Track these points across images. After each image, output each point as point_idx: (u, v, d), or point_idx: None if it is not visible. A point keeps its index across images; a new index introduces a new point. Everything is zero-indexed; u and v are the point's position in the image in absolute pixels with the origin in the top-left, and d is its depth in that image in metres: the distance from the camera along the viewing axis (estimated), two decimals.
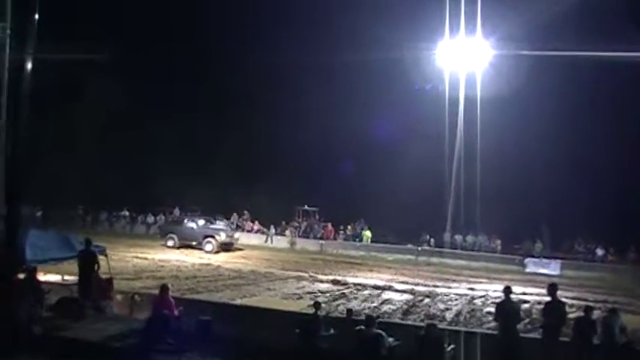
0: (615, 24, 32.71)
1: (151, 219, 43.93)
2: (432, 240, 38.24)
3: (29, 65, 7.20)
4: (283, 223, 42.23)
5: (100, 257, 14.80)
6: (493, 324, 15.82)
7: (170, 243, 34.27)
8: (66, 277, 16.37)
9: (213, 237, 33.88)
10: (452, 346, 10.54)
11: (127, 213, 44.73)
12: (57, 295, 14.07)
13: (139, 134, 44.63)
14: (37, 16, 8.03)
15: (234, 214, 42.49)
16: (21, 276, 12.45)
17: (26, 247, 12.29)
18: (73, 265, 16.38)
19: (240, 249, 35.14)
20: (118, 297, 14.87)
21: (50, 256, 13.32)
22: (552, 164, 37.42)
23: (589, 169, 36.53)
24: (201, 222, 35.67)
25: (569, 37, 31.95)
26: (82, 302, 13.79)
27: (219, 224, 37.65)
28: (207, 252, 32.82)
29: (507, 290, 12.11)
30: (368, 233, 40.09)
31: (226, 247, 34.30)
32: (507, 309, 11.77)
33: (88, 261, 14.23)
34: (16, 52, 8.66)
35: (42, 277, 14.28)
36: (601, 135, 36.41)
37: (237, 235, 37.35)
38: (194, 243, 34.04)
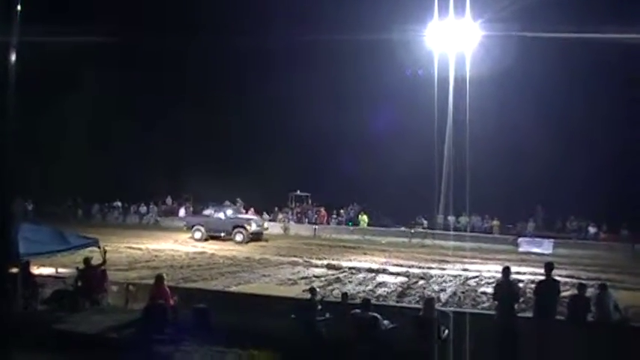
0: (605, 3, 32.75)
1: (143, 209, 43.96)
2: (426, 222, 38.36)
3: (13, 55, 7.10)
4: (276, 209, 42.27)
5: (94, 249, 14.77)
6: (487, 304, 16.00)
7: (197, 235, 33.22)
8: (60, 270, 16.35)
9: (243, 227, 33.08)
10: (447, 328, 10.57)
11: (119, 204, 44.67)
12: (51, 288, 14.05)
13: (128, 124, 44.41)
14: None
15: (227, 201, 42.41)
16: (14, 270, 12.41)
17: (19, 241, 12.21)
18: (67, 258, 16.41)
19: None
20: (113, 288, 14.84)
21: (43, 249, 13.25)
22: (544, 144, 37.49)
23: (581, 148, 36.74)
24: (230, 212, 34.72)
25: (559, 17, 31.95)
26: (77, 295, 13.77)
27: (247, 214, 36.96)
28: (237, 242, 32.10)
29: (506, 271, 12.17)
30: (365, 218, 40.17)
31: (256, 236, 33.62)
32: (506, 289, 11.83)
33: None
34: None
35: (36, 270, 14.27)
36: (592, 114, 36.51)
37: (266, 224, 36.75)
38: (222, 234, 33.17)
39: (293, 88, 42.57)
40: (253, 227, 33.51)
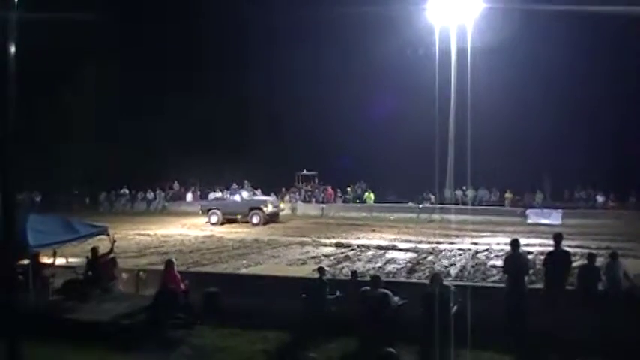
0: None
1: (150, 195, 44.07)
2: (433, 197, 38.33)
3: (13, 45, 7.03)
4: (283, 189, 42.30)
5: (103, 237, 14.83)
6: (497, 277, 15.99)
7: (214, 219, 33.09)
8: (70, 260, 16.41)
9: (259, 209, 32.90)
10: (458, 302, 10.57)
11: (126, 191, 44.80)
12: (62, 278, 14.11)
13: (133, 111, 44.38)
14: None
15: (234, 183, 42.45)
16: (25, 261, 12.47)
17: (27, 233, 12.26)
18: (78, 247, 16.47)
19: None
20: (123, 275, 14.88)
21: (53, 239, 13.27)
22: (549, 115, 37.35)
23: (586, 117, 36.52)
24: (245, 194, 34.56)
25: None
26: (88, 283, 13.83)
27: (262, 195, 36.61)
28: (254, 224, 32.01)
29: (515, 243, 12.14)
30: (371, 196, 40.18)
31: (272, 218, 33.50)
32: (515, 261, 11.80)
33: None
34: None
35: (46, 260, 14.32)
36: (597, 84, 36.25)
37: (282, 205, 36.70)
38: (239, 217, 33.04)
39: (295, 66, 42.38)
40: (270, 209, 33.38)
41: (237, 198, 33.92)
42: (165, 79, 45.52)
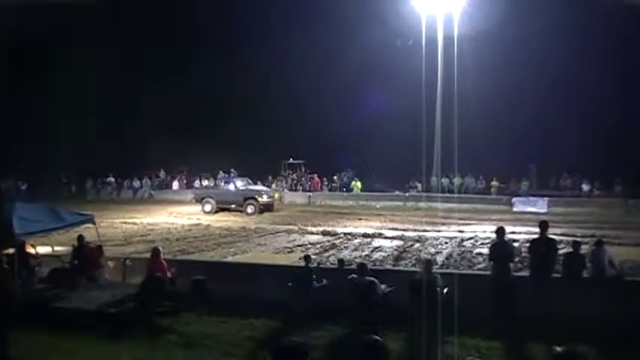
0: None
1: (137, 183, 43.88)
2: (420, 185, 38.43)
3: None
4: (270, 177, 42.23)
5: (89, 225, 14.78)
6: (483, 265, 16.08)
7: (207, 208, 32.81)
8: (56, 248, 16.35)
9: (254, 198, 32.57)
10: (446, 289, 10.63)
11: (112, 179, 44.55)
12: (48, 267, 14.06)
13: (119, 98, 44.11)
14: None
15: (220, 172, 42.34)
16: (11, 250, 12.41)
17: (14, 221, 12.19)
18: (64, 236, 16.41)
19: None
20: (110, 263, 14.86)
21: (39, 228, 13.21)
22: (536, 102, 37.49)
23: (572, 105, 36.58)
24: (240, 183, 34.14)
25: None
26: (74, 272, 13.80)
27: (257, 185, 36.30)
28: (248, 214, 31.63)
29: (501, 230, 12.23)
30: (358, 184, 40.22)
31: (267, 208, 33.01)
32: (501, 249, 11.89)
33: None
34: None
35: (32, 249, 14.26)
36: (584, 71, 36.30)
37: (276, 195, 36.36)
38: (233, 206, 32.66)
39: (285, 57, 42.28)
40: (265, 198, 33.11)
41: (231, 187, 33.67)
42: (149, 65, 45.18)
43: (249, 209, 32.16)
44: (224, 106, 46.09)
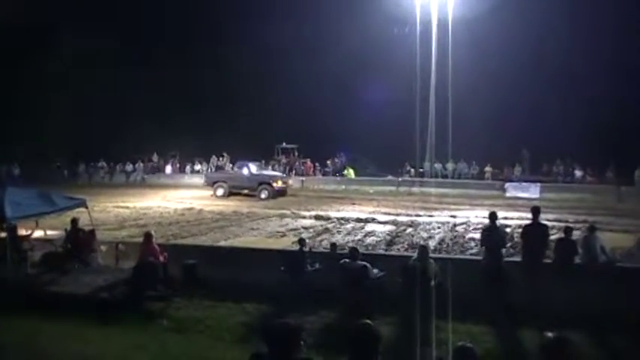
0: None
1: (129, 167, 43.75)
2: (412, 170, 38.46)
3: None
4: (263, 162, 42.15)
5: (81, 210, 14.73)
6: (476, 250, 16.10)
7: (220, 192, 32.61)
8: (49, 232, 16.30)
9: (269, 184, 32.28)
10: (437, 278, 10.65)
11: (104, 163, 44.37)
12: (41, 251, 14.02)
13: (111, 82, 43.93)
14: None
15: (213, 156, 42.26)
16: (2, 234, 12.36)
17: (5, 205, 12.13)
18: (56, 220, 16.35)
19: None
20: (102, 248, 14.81)
21: (30, 211, 13.16)
22: (529, 88, 37.49)
23: (565, 91, 36.64)
24: (254, 168, 33.81)
25: None
26: (66, 256, 13.77)
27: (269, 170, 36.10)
28: (261, 199, 31.26)
29: (493, 216, 12.24)
30: (351, 172, 40.20)
31: (280, 193, 32.64)
32: (493, 234, 11.90)
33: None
34: None
35: (24, 233, 14.22)
36: (577, 57, 36.33)
37: (290, 180, 36.07)
38: (246, 191, 32.44)
39: (280, 43, 42.11)
40: (280, 184, 32.83)
41: (245, 172, 33.27)
42: (141, 51, 44.94)
43: (263, 194, 31.82)
44: (218, 89, 45.91)
